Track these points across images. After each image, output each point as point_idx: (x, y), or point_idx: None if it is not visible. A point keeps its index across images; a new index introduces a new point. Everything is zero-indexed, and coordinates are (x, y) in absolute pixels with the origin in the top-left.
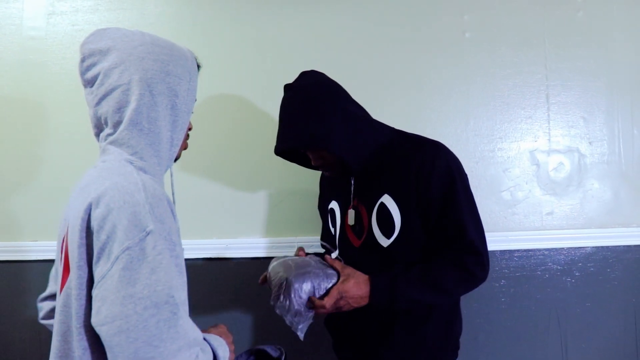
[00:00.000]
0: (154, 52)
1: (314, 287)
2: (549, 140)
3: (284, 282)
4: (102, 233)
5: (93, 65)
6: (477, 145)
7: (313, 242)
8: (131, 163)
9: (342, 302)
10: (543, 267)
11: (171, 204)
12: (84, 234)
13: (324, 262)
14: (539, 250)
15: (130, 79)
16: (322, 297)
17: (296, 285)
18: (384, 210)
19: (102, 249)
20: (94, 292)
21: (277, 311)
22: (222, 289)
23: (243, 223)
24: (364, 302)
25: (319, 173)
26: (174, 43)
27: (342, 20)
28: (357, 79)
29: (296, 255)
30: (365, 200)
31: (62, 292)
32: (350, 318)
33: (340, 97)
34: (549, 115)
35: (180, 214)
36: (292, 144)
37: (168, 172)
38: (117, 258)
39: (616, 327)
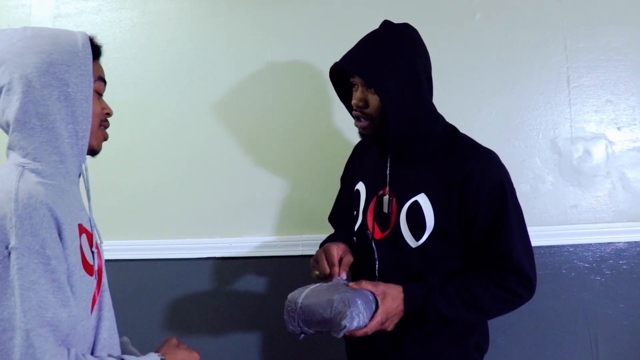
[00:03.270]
0: (34, 45)
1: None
2: (571, 127)
3: (346, 300)
4: None
5: None
6: (491, 134)
7: (317, 241)
8: (23, 167)
9: (387, 324)
10: (568, 265)
11: (54, 212)
12: None
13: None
14: (564, 246)
15: (10, 79)
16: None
17: (358, 301)
18: (416, 210)
19: None
20: None
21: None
22: (226, 288)
23: (247, 221)
24: (402, 312)
25: (325, 170)
26: (62, 30)
27: (345, 3)
28: None
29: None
30: (397, 192)
31: None
32: None
33: (423, 63)
34: (570, 99)
35: (182, 212)
36: (349, 65)
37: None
38: None
39: None
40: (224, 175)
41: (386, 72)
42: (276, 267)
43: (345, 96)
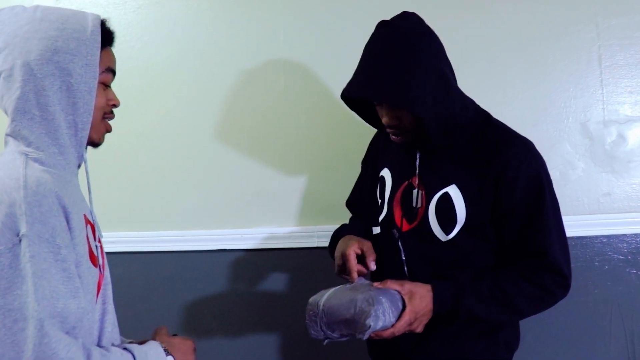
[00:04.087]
0: (40, 29)
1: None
2: (604, 109)
3: (371, 299)
4: None
5: None
6: (517, 118)
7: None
8: (26, 155)
9: (415, 324)
10: (601, 257)
11: (62, 200)
12: None
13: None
14: (596, 237)
15: (12, 64)
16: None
17: (382, 300)
18: (446, 202)
19: None
20: None
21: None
22: (236, 282)
23: (259, 211)
24: (431, 312)
25: (342, 157)
26: (74, 13)
27: None
28: None
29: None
30: (426, 183)
31: None
32: None
33: (438, 54)
34: (602, 80)
35: (190, 202)
36: (373, 94)
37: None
38: None
39: None
40: (234, 164)
41: (412, 88)
42: (290, 259)
43: (361, 102)
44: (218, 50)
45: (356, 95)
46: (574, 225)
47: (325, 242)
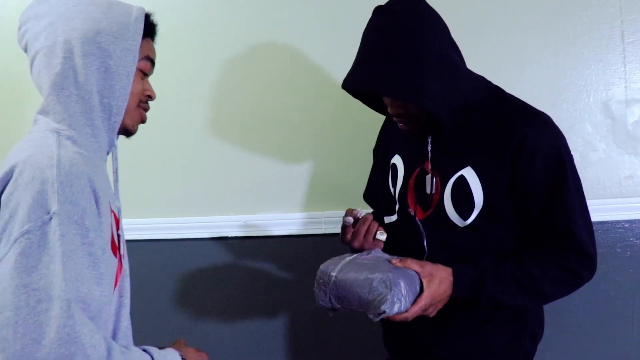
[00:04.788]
0: (86, 11)
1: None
2: (626, 87)
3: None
4: (6, 211)
5: (26, 31)
6: (535, 97)
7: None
8: (58, 133)
9: (430, 310)
10: (623, 243)
11: (93, 183)
12: None
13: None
14: (618, 222)
15: (54, 41)
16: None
17: (401, 283)
18: (462, 186)
19: (4, 229)
20: None
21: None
22: (239, 271)
23: (263, 197)
24: (448, 298)
25: (351, 140)
26: (120, 2)
27: None
28: None
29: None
30: (440, 167)
31: None
32: None
33: (439, 35)
34: (624, 57)
35: (190, 188)
36: (374, 87)
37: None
38: (15, 241)
39: None
40: (236, 147)
41: (415, 78)
42: (296, 247)
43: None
44: (219, 27)
45: (356, 89)
46: (595, 210)
47: (333, 229)
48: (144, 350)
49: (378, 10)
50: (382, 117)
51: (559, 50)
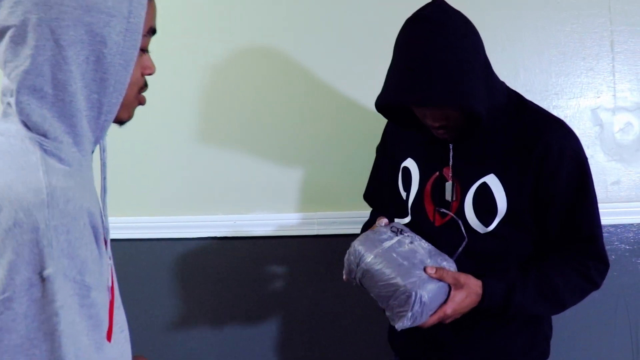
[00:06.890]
0: None
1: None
2: (614, 96)
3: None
4: None
5: None
6: None
7: (335, 219)
8: (40, 145)
9: (449, 320)
10: (608, 247)
11: (92, 217)
12: None
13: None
14: (603, 227)
15: (24, 19)
16: None
17: (425, 298)
18: (485, 193)
19: None
20: None
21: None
22: (228, 273)
23: (254, 197)
24: (470, 309)
25: (345, 139)
26: None
27: None
28: (394, 24)
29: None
30: (461, 174)
31: None
32: None
33: (480, 41)
34: (613, 66)
35: (178, 186)
36: (425, 97)
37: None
38: None
39: None
40: (227, 146)
41: (470, 86)
42: (287, 248)
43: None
44: (210, 22)
45: (404, 102)
46: None
47: (326, 230)
48: None
49: (415, 20)
50: (378, 118)
51: (551, 58)
